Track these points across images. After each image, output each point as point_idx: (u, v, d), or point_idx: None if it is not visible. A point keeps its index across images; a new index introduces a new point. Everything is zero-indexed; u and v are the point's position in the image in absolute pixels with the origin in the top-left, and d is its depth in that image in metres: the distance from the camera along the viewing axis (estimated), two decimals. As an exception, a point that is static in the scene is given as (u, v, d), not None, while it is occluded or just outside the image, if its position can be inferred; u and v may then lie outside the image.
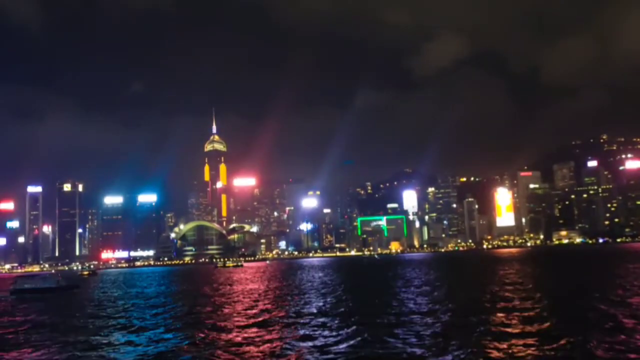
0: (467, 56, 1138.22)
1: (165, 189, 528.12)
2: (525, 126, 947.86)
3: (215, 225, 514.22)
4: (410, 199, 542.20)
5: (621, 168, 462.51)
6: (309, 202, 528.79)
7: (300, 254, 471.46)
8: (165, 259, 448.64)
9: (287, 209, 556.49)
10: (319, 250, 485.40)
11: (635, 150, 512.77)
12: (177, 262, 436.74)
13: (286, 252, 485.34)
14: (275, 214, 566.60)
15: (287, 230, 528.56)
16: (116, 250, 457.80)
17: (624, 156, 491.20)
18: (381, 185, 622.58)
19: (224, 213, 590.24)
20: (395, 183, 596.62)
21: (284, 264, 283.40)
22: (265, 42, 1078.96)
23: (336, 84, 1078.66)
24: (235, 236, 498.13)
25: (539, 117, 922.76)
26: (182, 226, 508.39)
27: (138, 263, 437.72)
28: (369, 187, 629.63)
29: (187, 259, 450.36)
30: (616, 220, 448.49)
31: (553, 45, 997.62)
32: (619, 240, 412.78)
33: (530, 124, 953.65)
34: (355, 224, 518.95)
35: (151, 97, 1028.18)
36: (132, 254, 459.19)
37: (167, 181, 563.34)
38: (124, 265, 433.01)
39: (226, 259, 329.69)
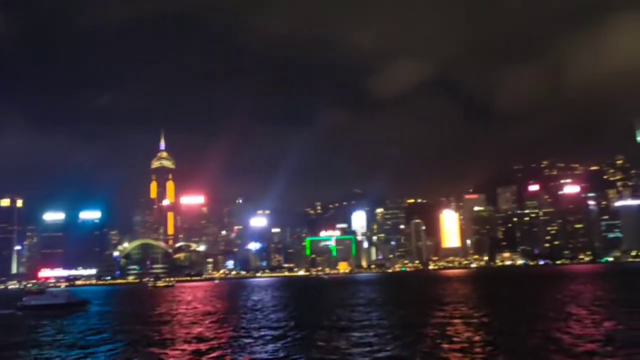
0: (424, 80, 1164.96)
1: (110, 206, 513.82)
2: (473, 150, 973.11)
3: (161, 244, 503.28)
4: (359, 219, 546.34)
5: (560, 192, 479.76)
6: (258, 221, 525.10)
7: (248, 274, 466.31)
8: (108, 278, 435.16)
9: (236, 228, 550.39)
10: (266, 270, 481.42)
11: (574, 175, 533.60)
12: (120, 281, 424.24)
13: (234, 272, 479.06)
14: (224, 232, 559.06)
15: (235, 250, 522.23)
16: (56, 269, 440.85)
17: (563, 181, 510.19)
18: (331, 206, 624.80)
19: (170, 231, 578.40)
20: (345, 203, 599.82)
21: (231, 283, 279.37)
22: (221, 60, 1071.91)
23: (292, 104, 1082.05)
24: (181, 255, 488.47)
25: (487, 142, 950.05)
26: (126, 244, 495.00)
27: (79, 282, 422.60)
28: (319, 207, 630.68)
29: (130, 278, 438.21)
30: (556, 242, 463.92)
31: (505, 73, 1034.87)
32: (558, 262, 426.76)
33: (477, 148, 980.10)
34: (304, 244, 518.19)
35: (99, 112, 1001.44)
36: (73, 272, 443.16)
37: (112, 198, 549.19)
38: (63, 284, 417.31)
39: (157, 280, 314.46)
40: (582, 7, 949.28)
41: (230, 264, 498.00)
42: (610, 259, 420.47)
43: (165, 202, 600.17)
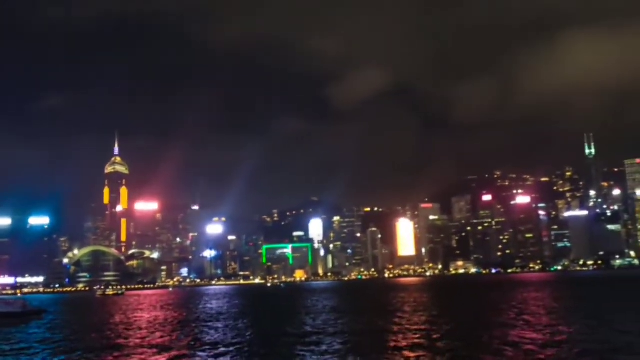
0: (384, 90, 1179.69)
1: (60, 212, 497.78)
2: (430, 160, 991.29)
3: (113, 251, 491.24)
4: (316, 227, 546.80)
5: (512, 203, 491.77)
6: (214, 228, 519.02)
7: (203, 282, 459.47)
8: (57, 286, 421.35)
9: (191, 235, 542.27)
10: (222, 278, 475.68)
11: (525, 186, 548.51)
12: (69, 289, 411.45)
13: (188, 280, 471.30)
14: (178, 240, 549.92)
15: (190, 257, 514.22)
16: (1, 276, 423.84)
17: (515, 192, 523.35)
18: (288, 213, 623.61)
19: (123, 238, 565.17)
20: (302, 211, 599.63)
21: (185, 292, 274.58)
22: (178, 63, 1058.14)
23: (251, 110, 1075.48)
24: (134, 262, 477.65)
25: (443, 152, 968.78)
26: (76, 251, 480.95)
27: (26, 290, 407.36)
28: (276, 215, 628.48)
29: (80, 286, 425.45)
30: (508, 251, 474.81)
31: (462, 86, 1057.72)
32: (509, 270, 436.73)
33: (434, 159, 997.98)
34: (260, 251, 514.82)
35: (50, 115, 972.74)
36: (20, 280, 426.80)
37: (63, 204, 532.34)
38: (8, 292, 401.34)
39: (106, 288, 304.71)
40: (534, 23, 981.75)
41: (184, 271, 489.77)
42: (559, 267, 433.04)
43: (119, 208, 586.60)
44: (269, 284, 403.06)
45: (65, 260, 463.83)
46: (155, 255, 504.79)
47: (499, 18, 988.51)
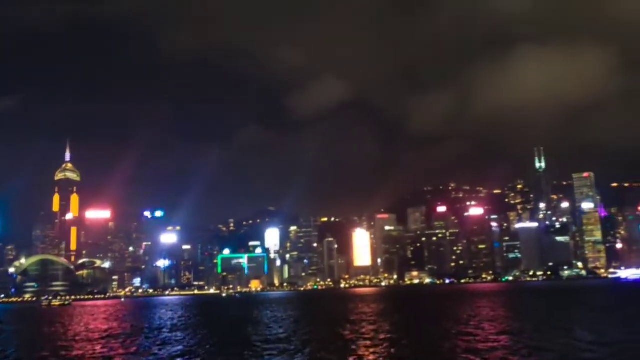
0: (344, 101, 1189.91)
1: (7, 219, 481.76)
2: (387, 171, 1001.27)
3: (62, 260, 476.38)
4: (272, 237, 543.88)
5: (466, 214, 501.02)
6: (168, 237, 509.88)
7: (156, 292, 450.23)
8: (2, 296, 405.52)
9: (144, 244, 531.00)
10: (176, 288, 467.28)
11: (478, 198, 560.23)
12: (15, 299, 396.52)
13: (140, 290, 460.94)
14: (131, 249, 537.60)
15: (143, 267, 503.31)
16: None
17: (468, 203, 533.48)
18: (244, 223, 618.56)
19: (73, 247, 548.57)
20: (259, 221, 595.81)
21: (138, 302, 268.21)
22: (135, 68, 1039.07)
23: (209, 118, 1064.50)
24: (84, 272, 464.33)
25: (400, 164, 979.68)
26: (23, 260, 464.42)
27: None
28: (232, 224, 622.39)
29: (27, 296, 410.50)
30: (461, 262, 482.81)
31: (420, 98, 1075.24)
32: (463, 281, 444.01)
33: (391, 170, 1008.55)
34: (215, 261, 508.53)
35: (1, 119, 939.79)
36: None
37: (10, 211, 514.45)
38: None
39: (54, 298, 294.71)
40: (492, 38, 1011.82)
41: (137, 281, 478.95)
42: (510, 278, 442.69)
43: (69, 216, 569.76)
44: (223, 294, 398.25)
45: (12, 270, 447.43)
46: (106, 264, 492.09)
47: (458, 33, 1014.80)
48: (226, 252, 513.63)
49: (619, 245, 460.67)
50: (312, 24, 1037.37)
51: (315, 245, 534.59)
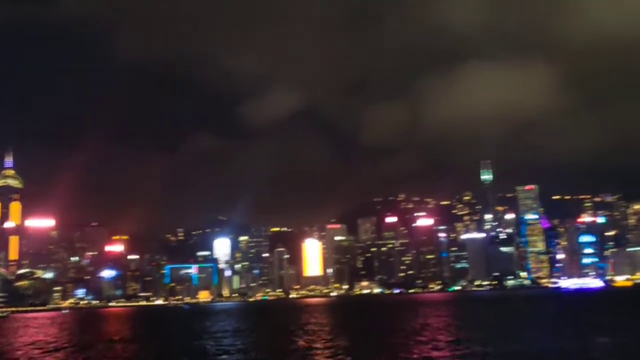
0: (297, 110, 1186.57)
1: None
2: (338, 181, 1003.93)
3: (1, 270, 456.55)
4: (222, 247, 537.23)
5: (415, 225, 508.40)
6: (114, 247, 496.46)
7: (101, 303, 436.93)
8: None
9: (89, 254, 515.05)
10: (121, 299, 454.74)
11: (427, 209, 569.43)
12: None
13: (84, 301, 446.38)
14: (75, 259, 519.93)
15: (87, 278, 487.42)
16: None
17: (417, 214, 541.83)
18: (193, 232, 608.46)
19: (13, 257, 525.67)
20: (209, 230, 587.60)
21: (81, 314, 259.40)
22: (83, 71, 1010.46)
23: (160, 124, 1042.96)
24: (24, 283, 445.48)
25: (351, 174, 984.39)
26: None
27: None
28: (181, 234, 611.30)
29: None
30: (410, 272, 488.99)
31: (372, 109, 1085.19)
32: (411, 290, 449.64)
33: (342, 180, 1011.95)
34: (163, 271, 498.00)
35: None
36: None
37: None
38: None
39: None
40: (443, 52, 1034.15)
41: (80, 292, 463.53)
42: (458, 287, 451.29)
43: (9, 224, 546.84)
44: (171, 305, 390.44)
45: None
46: (48, 275, 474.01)
47: (409, 47, 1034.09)
48: (174, 262, 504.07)
49: (560, 256, 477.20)
50: (266, 33, 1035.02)
51: (265, 255, 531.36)
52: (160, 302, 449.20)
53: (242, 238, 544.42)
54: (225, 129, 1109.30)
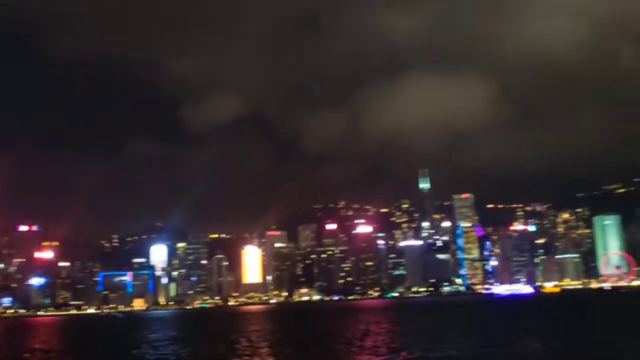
0: (240, 115, 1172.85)
1: None
2: (279, 188, 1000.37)
3: None
4: (159, 253, 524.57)
5: (354, 232, 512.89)
6: (44, 253, 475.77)
7: (28, 312, 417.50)
8: None
9: (16, 260, 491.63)
10: (51, 308, 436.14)
11: (366, 216, 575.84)
12: None
13: (10, 310, 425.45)
14: (1, 266, 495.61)
15: (14, 285, 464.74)
16: None
17: (357, 221, 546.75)
18: (129, 239, 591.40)
19: None
20: (145, 237, 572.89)
21: (6, 323, 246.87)
22: (19, 75, 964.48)
23: (97, 128, 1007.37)
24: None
25: (293, 181, 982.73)
26: None
27: None
28: (116, 240, 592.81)
29: None
30: (349, 279, 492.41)
31: (314, 116, 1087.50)
32: (350, 297, 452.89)
33: (283, 186, 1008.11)
34: (95, 279, 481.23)
35: None
36: None
37: None
38: None
39: None
40: (384, 63, 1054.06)
41: (7, 301, 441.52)
42: (395, 294, 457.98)
43: None
44: (103, 314, 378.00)
45: None
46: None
47: (350, 56, 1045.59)
48: (108, 269, 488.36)
49: (493, 263, 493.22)
50: (208, 36, 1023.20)
51: (204, 262, 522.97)
52: (92, 310, 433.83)
53: (179, 244, 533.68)
54: (165, 133, 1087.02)
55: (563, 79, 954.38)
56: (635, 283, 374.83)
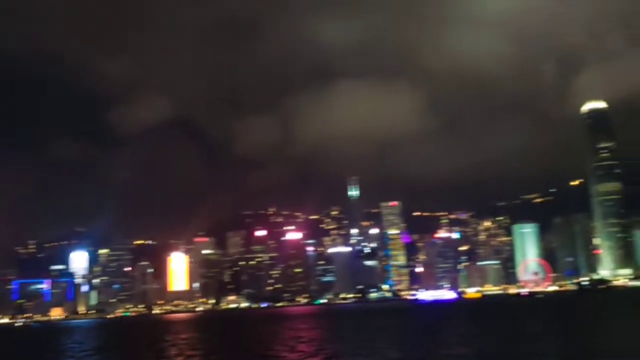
0: (169, 119, 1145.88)
1: None
2: (208, 193, 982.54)
3: None
4: (79, 260, 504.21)
5: (284, 238, 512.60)
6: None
7: None
8: None
9: None
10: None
11: (296, 223, 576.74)
12: None
13: None
14: None
15: None
16: None
17: (286, 228, 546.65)
18: (47, 245, 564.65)
19: None
20: (65, 242, 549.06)
21: None
22: None
23: (16, 129, 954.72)
24: None
25: (222, 186, 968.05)
26: None
27: None
28: (32, 246, 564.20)
29: None
30: (278, 286, 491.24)
31: (245, 121, 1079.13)
32: (279, 304, 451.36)
33: (213, 192, 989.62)
34: (9, 287, 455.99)
35: None
36: None
37: None
38: None
39: None
40: (316, 70, 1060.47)
41: None
42: (324, 300, 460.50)
43: None
44: (18, 324, 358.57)
45: None
46: None
47: (283, 62, 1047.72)
48: (24, 276, 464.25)
49: (419, 269, 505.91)
50: (138, 38, 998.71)
51: (127, 269, 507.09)
52: (5, 320, 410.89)
53: (102, 251, 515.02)
54: (90, 134, 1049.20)
55: (486, 92, 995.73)
56: (551, 288, 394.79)
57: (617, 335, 57.05)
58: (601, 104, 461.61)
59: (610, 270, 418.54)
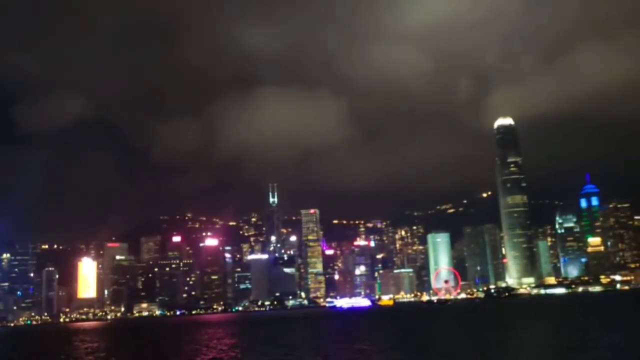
0: (84, 119, 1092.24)
1: None
2: (123, 197, 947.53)
3: None
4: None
5: (201, 245, 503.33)
6: None
7: None
8: None
9: None
10: None
11: (214, 229, 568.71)
12: None
13: None
14: None
15: None
16: None
17: (204, 234, 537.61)
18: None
19: None
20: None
21: None
22: None
23: None
24: None
25: (138, 190, 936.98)
26: None
27: None
28: None
29: None
30: (193, 293, 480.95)
31: (166, 124, 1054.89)
32: (194, 312, 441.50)
33: (127, 196, 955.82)
34: None
35: None
36: None
37: None
38: None
39: None
40: (236, 76, 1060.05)
41: None
42: (240, 308, 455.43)
43: None
44: None
45: None
46: None
47: (206, 67, 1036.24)
48: None
49: (336, 277, 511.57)
50: (51, 33, 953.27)
51: (32, 275, 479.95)
52: None
53: (4, 256, 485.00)
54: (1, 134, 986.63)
55: (406, 105, 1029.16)
56: (461, 296, 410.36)
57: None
58: (509, 121, 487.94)
59: (515, 279, 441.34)
